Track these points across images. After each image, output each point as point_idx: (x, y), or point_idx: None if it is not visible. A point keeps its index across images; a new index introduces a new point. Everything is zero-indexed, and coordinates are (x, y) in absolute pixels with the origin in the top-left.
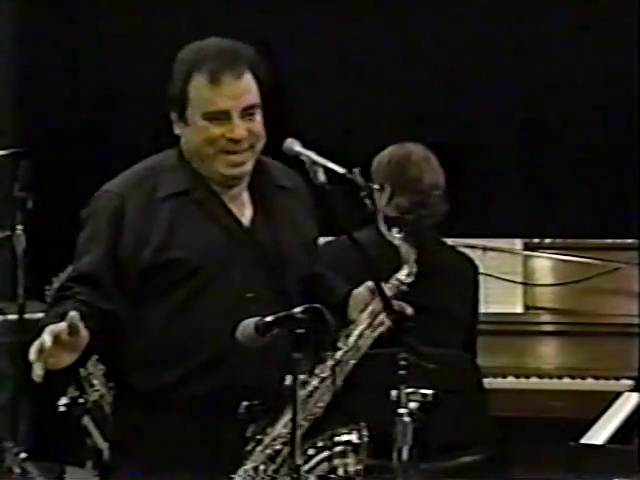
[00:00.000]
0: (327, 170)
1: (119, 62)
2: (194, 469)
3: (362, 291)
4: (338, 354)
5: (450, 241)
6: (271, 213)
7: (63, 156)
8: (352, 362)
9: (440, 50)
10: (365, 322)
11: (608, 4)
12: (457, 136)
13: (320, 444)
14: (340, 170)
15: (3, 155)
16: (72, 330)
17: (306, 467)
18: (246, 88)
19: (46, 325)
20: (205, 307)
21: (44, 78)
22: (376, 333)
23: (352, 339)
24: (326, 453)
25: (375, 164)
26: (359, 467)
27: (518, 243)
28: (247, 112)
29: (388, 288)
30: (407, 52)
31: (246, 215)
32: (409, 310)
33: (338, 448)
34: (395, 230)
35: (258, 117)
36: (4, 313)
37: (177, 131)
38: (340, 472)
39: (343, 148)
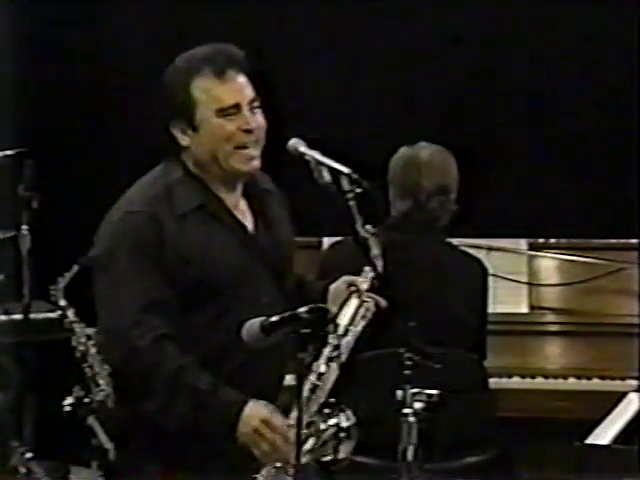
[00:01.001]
0: (332, 170)
1: (122, 61)
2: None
3: (339, 286)
4: (327, 350)
5: (455, 241)
6: (267, 218)
7: (68, 156)
8: (343, 357)
9: (446, 50)
10: (348, 317)
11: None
12: (461, 136)
13: (320, 428)
14: (345, 170)
15: (8, 155)
16: None
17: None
18: (247, 82)
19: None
20: (233, 316)
21: (47, 78)
22: (360, 327)
23: (339, 335)
24: (322, 438)
25: (390, 165)
26: (351, 448)
27: (523, 243)
28: (252, 105)
29: (360, 281)
30: (413, 52)
31: (248, 222)
32: (383, 303)
33: (331, 432)
34: (369, 226)
35: (259, 111)
36: (9, 313)
37: (184, 142)
38: (337, 455)
39: (352, 149)
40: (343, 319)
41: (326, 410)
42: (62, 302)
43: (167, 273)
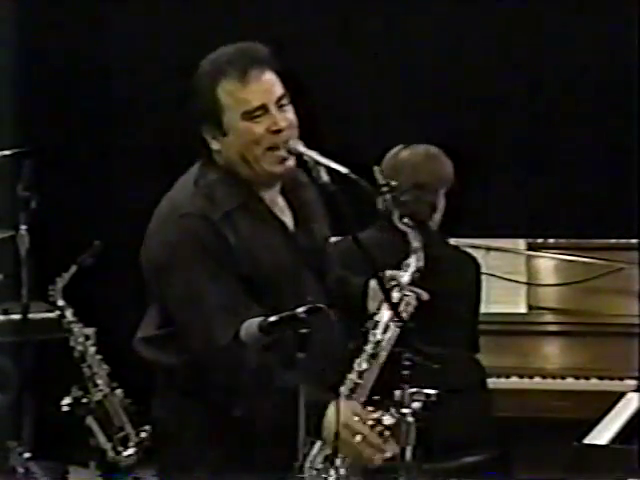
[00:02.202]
0: (330, 170)
1: (122, 61)
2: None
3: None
4: (369, 347)
5: (453, 241)
6: (305, 214)
7: (68, 156)
8: (384, 354)
9: (444, 50)
10: (388, 313)
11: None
12: (460, 136)
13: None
14: (343, 170)
15: (6, 155)
16: None
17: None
18: (273, 80)
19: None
20: None
21: (47, 77)
22: (400, 323)
23: (379, 331)
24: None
25: None
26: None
27: (521, 243)
28: (280, 103)
29: (401, 275)
30: (412, 52)
31: (287, 219)
32: (425, 296)
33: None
34: (407, 219)
35: (290, 107)
36: (8, 313)
37: (215, 147)
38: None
39: (352, 149)
40: (384, 315)
41: (369, 408)
42: (60, 302)
43: (229, 269)
